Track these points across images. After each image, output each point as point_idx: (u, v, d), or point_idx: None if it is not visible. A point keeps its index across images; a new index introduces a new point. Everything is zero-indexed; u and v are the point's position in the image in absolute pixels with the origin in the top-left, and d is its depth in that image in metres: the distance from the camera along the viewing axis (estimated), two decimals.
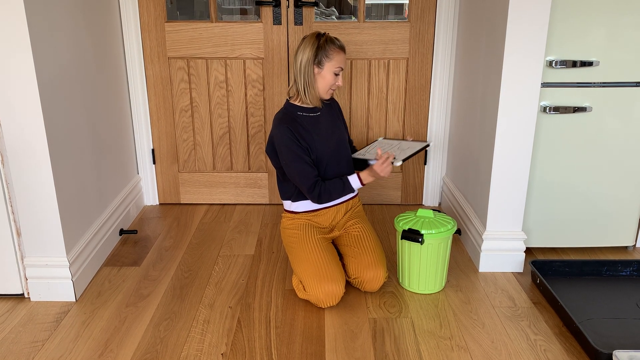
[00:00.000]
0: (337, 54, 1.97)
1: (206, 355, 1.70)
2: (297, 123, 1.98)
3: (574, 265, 2.13)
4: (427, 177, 2.85)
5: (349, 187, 1.99)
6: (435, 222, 1.99)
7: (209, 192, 2.87)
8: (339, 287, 1.89)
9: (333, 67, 1.96)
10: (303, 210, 2.08)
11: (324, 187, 1.97)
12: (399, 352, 1.71)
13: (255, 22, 2.60)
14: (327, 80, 1.98)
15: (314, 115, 2.04)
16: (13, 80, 1.76)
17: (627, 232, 2.31)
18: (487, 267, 2.19)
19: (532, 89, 2.00)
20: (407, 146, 2.18)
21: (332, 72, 1.97)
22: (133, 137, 2.75)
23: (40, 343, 1.76)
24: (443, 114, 2.72)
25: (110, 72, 2.45)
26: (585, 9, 1.99)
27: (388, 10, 2.86)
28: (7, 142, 1.83)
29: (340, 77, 2.01)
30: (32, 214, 1.91)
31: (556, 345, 1.75)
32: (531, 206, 2.23)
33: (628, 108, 2.11)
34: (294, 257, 2.01)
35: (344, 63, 2.00)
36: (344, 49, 2.00)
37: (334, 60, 1.96)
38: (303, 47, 1.95)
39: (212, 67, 2.65)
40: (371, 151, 2.18)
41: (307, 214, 2.08)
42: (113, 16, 2.49)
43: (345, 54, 2.00)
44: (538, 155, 2.16)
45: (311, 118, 2.03)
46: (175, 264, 2.25)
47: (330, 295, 1.89)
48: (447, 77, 2.66)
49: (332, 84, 1.99)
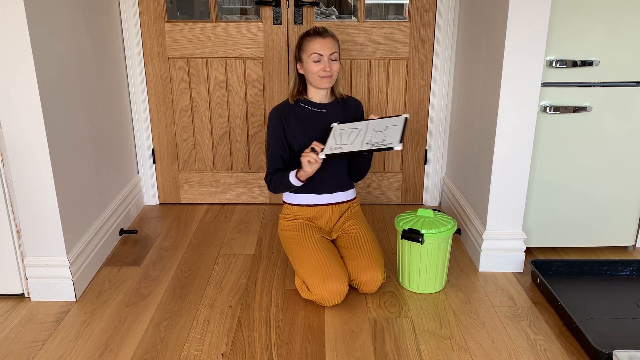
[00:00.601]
0: (310, 42, 1.99)
1: (206, 355, 1.70)
2: (291, 112, 2.04)
3: (574, 265, 2.13)
4: (427, 177, 2.85)
5: (288, 183, 1.99)
6: (435, 222, 1.99)
7: (209, 192, 2.87)
8: (343, 285, 1.90)
9: (309, 56, 1.98)
10: (299, 203, 2.09)
11: (274, 178, 2.04)
12: (399, 352, 1.71)
13: (255, 21, 2.60)
14: (312, 71, 2.00)
15: (317, 111, 2.06)
16: (13, 80, 1.76)
17: (627, 232, 2.31)
18: (487, 266, 2.19)
19: (532, 88, 2.00)
20: (376, 127, 1.94)
21: (311, 61, 1.99)
22: (133, 137, 2.75)
23: (40, 343, 1.76)
24: (443, 113, 2.72)
25: (110, 71, 2.45)
26: (585, 8, 1.99)
27: (388, 10, 2.86)
28: (7, 141, 1.83)
29: (324, 65, 1.97)
30: (32, 214, 1.91)
31: (556, 344, 1.75)
32: (531, 206, 2.23)
33: (628, 108, 2.11)
34: (294, 259, 2.01)
35: (321, 49, 1.97)
36: (322, 33, 1.99)
37: (308, 48, 1.99)
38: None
39: (212, 67, 2.65)
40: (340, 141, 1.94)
41: (303, 209, 2.09)
42: (113, 16, 2.49)
43: (323, 38, 1.98)
44: (538, 155, 2.16)
45: (313, 112, 2.05)
46: (176, 264, 2.25)
47: (335, 294, 1.89)
48: (447, 77, 2.66)
49: (316, 72, 1.99)
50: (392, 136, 1.86)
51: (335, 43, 2.02)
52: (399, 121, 1.93)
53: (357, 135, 1.93)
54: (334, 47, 2.00)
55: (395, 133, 1.87)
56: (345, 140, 1.92)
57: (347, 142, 1.91)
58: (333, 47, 2.00)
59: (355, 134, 1.94)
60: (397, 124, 1.92)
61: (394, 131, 1.89)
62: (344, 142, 1.92)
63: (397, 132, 1.88)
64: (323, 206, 2.10)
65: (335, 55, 2.00)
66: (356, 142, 1.89)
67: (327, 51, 1.98)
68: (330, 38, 2.00)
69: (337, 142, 1.93)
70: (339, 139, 1.94)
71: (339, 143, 1.92)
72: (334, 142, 1.93)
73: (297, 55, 2.05)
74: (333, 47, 2.00)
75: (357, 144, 1.89)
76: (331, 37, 2.01)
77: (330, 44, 1.99)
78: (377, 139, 1.87)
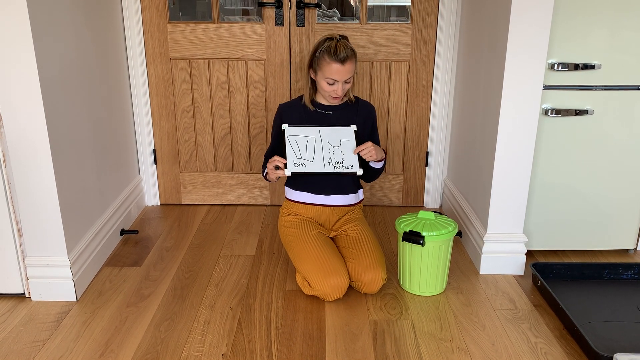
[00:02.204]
0: (328, 66, 1.93)
1: (207, 356, 1.70)
2: (294, 109, 2.08)
3: (574, 268, 2.13)
4: (428, 179, 2.85)
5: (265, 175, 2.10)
6: (436, 224, 1.99)
7: (210, 193, 2.87)
8: (343, 279, 1.92)
9: (324, 77, 1.97)
10: (296, 200, 2.12)
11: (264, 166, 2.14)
12: (400, 354, 1.71)
13: (257, 23, 2.60)
14: (323, 88, 2.00)
15: (323, 112, 2.07)
16: (15, 80, 1.76)
17: (628, 235, 2.30)
18: (488, 269, 2.19)
19: (534, 91, 2.00)
20: (330, 139, 1.98)
21: (325, 81, 1.98)
22: (135, 138, 2.75)
23: (41, 343, 1.76)
24: (444, 116, 2.72)
25: (113, 72, 2.45)
26: (587, 11, 1.99)
27: (390, 12, 2.86)
28: (9, 142, 1.83)
29: (336, 87, 1.97)
30: (33, 214, 1.91)
31: (557, 348, 1.75)
32: (532, 209, 2.23)
33: (629, 111, 2.11)
34: (295, 256, 2.02)
35: (338, 75, 1.94)
36: (344, 60, 1.92)
37: (325, 70, 1.95)
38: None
39: (214, 68, 2.65)
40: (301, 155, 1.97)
41: (300, 206, 2.11)
42: (115, 17, 2.49)
43: (343, 65, 1.92)
44: (539, 158, 2.16)
45: (318, 113, 2.07)
46: (176, 265, 2.25)
47: (336, 288, 1.91)
48: (448, 79, 2.66)
49: (327, 91, 2.00)
50: (350, 157, 1.97)
51: (353, 66, 1.96)
52: (349, 134, 2.00)
53: (315, 149, 1.97)
54: (351, 72, 1.95)
55: (350, 152, 1.97)
56: (305, 155, 1.96)
57: (307, 157, 1.96)
58: (350, 71, 1.95)
59: (312, 146, 1.97)
60: (350, 138, 1.99)
61: (348, 148, 1.97)
62: (304, 156, 1.96)
63: (352, 149, 1.98)
64: (318, 206, 2.10)
65: (350, 79, 1.98)
66: (317, 160, 1.96)
67: (343, 77, 1.95)
68: (349, 64, 1.93)
69: (297, 156, 1.96)
70: (297, 149, 1.97)
71: (300, 157, 1.96)
72: (294, 155, 1.96)
73: (311, 62, 2.00)
74: (350, 72, 1.95)
75: (318, 162, 1.95)
76: (351, 63, 1.94)
77: (348, 70, 1.94)
78: (337, 159, 1.96)
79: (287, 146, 1.98)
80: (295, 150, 1.97)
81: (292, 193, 2.14)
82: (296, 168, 1.94)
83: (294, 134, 2.00)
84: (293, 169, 1.94)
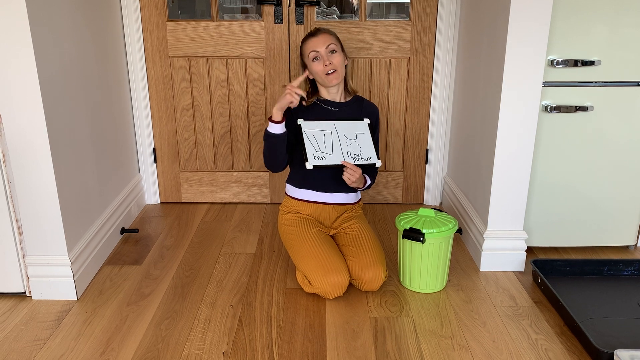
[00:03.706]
0: (305, 45, 2.04)
1: (207, 354, 1.70)
2: (301, 105, 2.06)
3: (575, 265, 2.13)
4: (428, 176, 2.85)
5: (268, 135, 1.98)
6: (436, 222, 1.99)
7: (210, 191, 2.87)
8: (344, 277, 1.92)
9: (308, 58, 2.03)
10: (298, 198, 2.11)
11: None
12: (400, 351, 1.71)
13: (256, 21, 2.60)
14: (316, 71, 2.04)
15: (329, 109, 2.08)
16: (15, 79, 1.76)
17: (629, 232, 2.30)
18: (488, 266, 2.19)
19: (534, 88, 1.99)
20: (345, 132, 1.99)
21: (311, 62, 2.03)
22: (134, 136, 2.75)
23: (41, 341, 1.76)
24: (444, 113, 2.72)
25: (112, 70, 2.45)
26: (587, 8, 1.98)
27: (389, 9, 2.85)
28: (9, 140, 1.83)
29: (322, 59, 2.00)
30: (33, 213, 1.91)
31: (557, 344, 1.75)
32: (532, 205, 2.23)
33: (629, 107, 2.11)
34: (295, 254, 2.02)
35: (315, 45, 2.01)
36: (315, 33, 2.03)
37: (305, 51, 2.05)
38: None
39: (213, 66, 2.65)
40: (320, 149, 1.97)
41: (301, 204, 2.11)
42: (114, 15, 2.49)
43: (316, 36, 2.02)
44: (539, 154, 2.16)
45: (323, 109, 2.08)
46: (177, 263, 2.25)
47: (336, 286, 1.91)
48: (448, 76, 2.66)
49: (320, 71, 2.02)
50: (367, 149, 1.98)
51: (330, 36, 2.03)
52: (364, 127, 2.02)
53: (332, 142, 1.97)
54: (329, 40, 2.02)
55: (368, 144, 1.98)
56: (323, 148, 1.96)
57: (326, 150, 1.95)
58: (328, 40, 2.02)
59: (329, 139, 1.98)
60: (364, 131, 2.01)
61: (365, 141, 1.98)
62: (323, 149, 1.96)
63: (369, 142, 1.99)
64: (321, 204, 2.10)
65: (332, 46, 2.02)
66: (336, 153, 1.96)
67: (322, 46, 2.01)
68: (323, 34, 2.02)
69: (317, 150, 1.96)
70: (315, 143, 1.96)
71: (320, 151, 1.96)
72: (313, 149, 1.96)
73: (301, 62, 2.11)
74: (328, 40, 2.02)
75: (337, 154, 1.95)
76: (324, 33, 2.03)
77: (324, 39, 2.02)
78: (355, 151, 1.97)
79: (305, 140, 1.97)
80: (314, 144, 1.97)
81: (295, 191, 2.13)
82: (317, 161, 1.94)
83: (310, 128, 2.00)
84: (314, 162, 1.94)
